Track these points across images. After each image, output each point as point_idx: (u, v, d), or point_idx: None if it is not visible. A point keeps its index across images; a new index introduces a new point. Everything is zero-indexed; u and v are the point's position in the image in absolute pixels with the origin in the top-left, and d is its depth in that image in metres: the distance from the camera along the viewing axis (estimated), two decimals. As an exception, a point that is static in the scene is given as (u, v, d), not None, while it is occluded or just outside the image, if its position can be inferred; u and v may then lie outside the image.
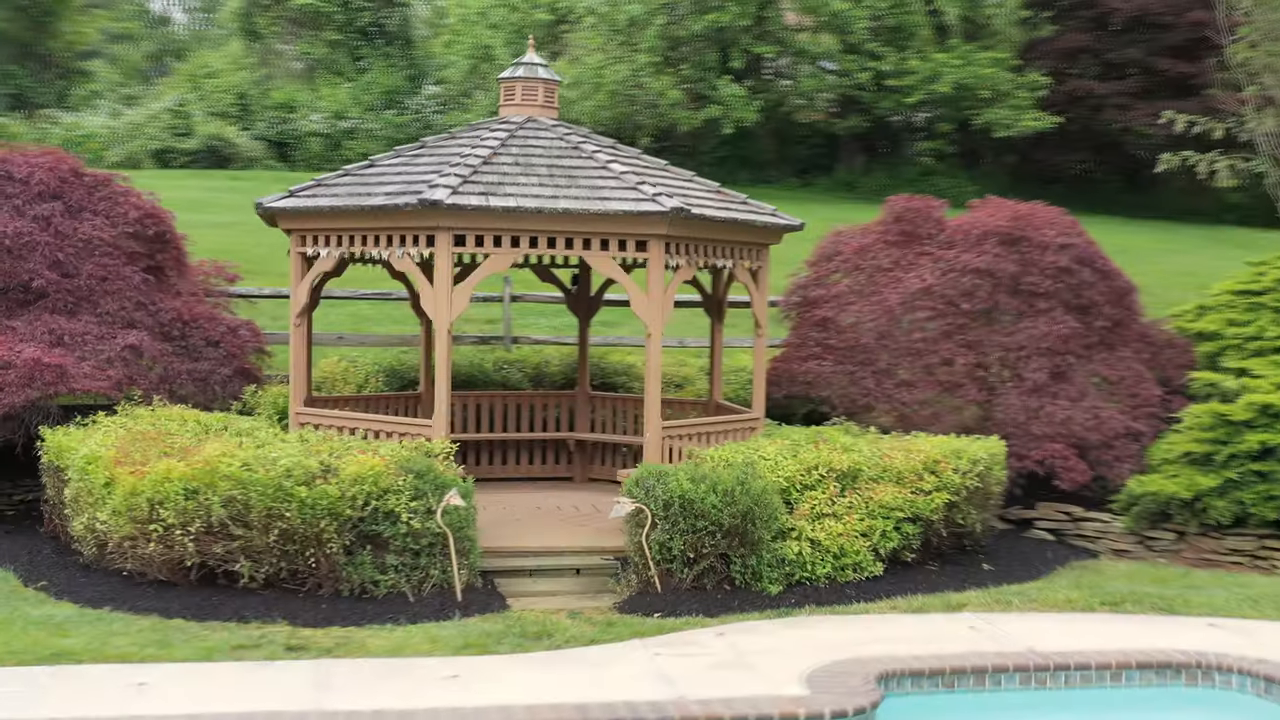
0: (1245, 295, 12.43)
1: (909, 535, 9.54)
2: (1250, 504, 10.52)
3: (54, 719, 6.01)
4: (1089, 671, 7.19)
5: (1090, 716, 6.96)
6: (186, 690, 6.53)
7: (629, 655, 7.33)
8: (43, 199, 11.62)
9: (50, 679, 6.68)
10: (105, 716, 6.07)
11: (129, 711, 6.13)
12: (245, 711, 6.11)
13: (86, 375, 10.59)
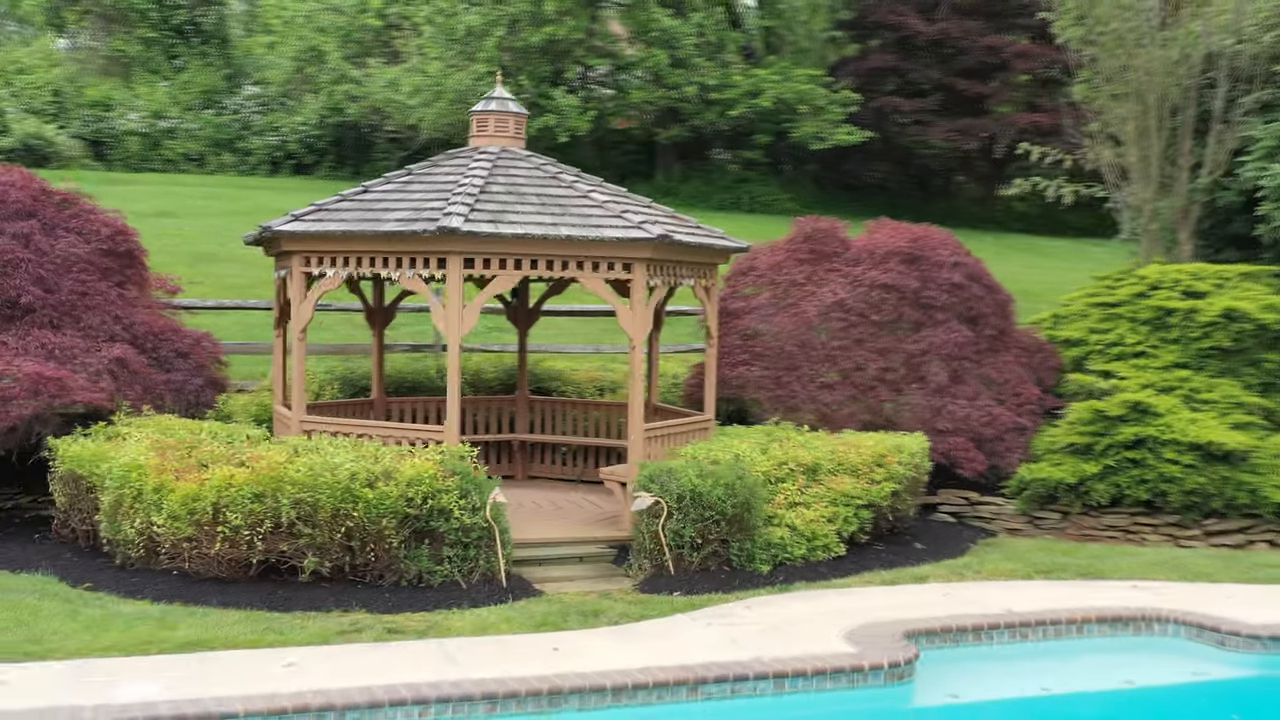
0: (1103, 306, 14.45)
1: (864, 520, 11.05)
2: (1125, 487, 12.43)
3: (248, 694, 6.87)
4: (1060, 626, 8.82)
5: (1066, 662, 8.57)
6: (331, 668, 7.45)
7: (686, 626, 8.57)
8: (19, 217, 12.05)
9: (201, 664, 7.49)
10: (290, 690, 6.95)
11: (304, 685, 7.04)
12: (422, 681, 7.10)
13: (83, 387, 11.15)
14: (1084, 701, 8.14)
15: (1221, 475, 12.22)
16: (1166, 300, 13.83)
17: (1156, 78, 15.65)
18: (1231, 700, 8.23)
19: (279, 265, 12.11)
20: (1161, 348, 13.66)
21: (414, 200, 11.05)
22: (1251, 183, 15.42)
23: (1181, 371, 13.33)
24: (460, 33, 30.68)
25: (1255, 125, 15.62)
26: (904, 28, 33.69)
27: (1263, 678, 8.43)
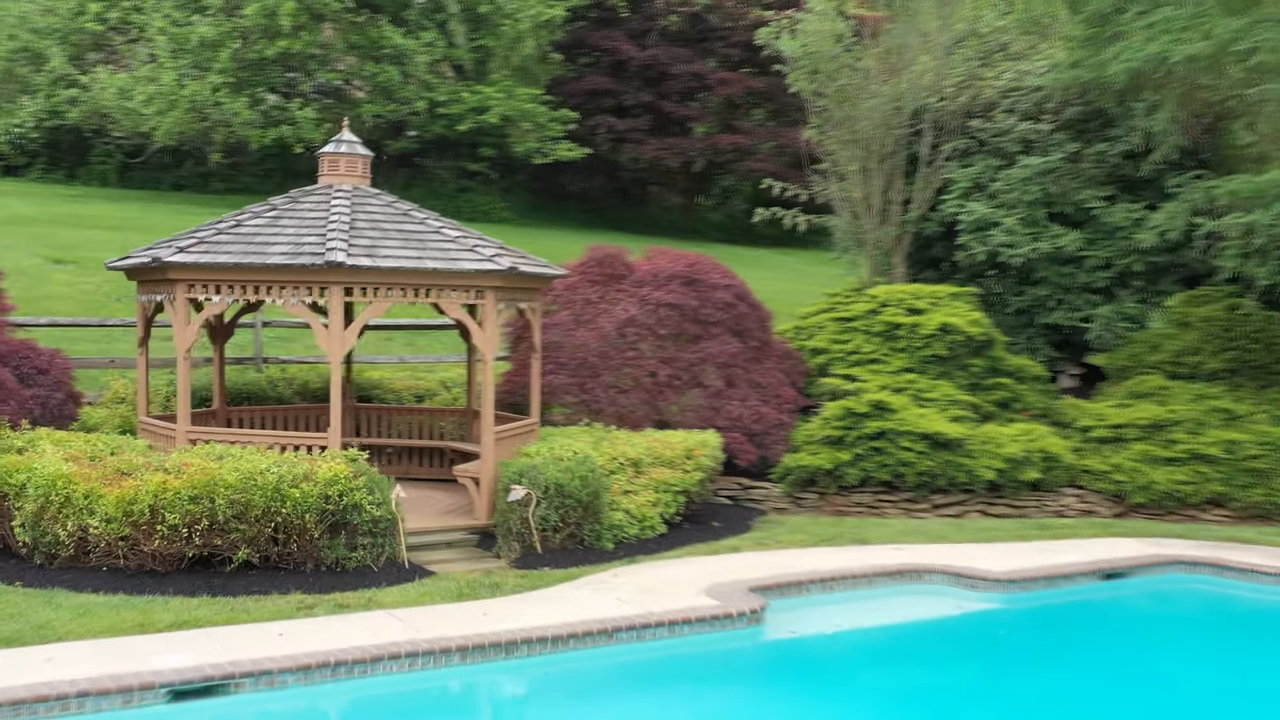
0: (840, 321, 17.32)
1: (679, 504, 13.37)
2: (871, 470, 15.24)
3: (269, 656, 8.47)
4: (858, 579, 11.39)
5: (867, 604, 11.12)
6: (316, 637, 9.09)
7: (575, 592, 10.62)
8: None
9: (206, 638, 8.98)
10: (297, 652, 8.59)
11: (309, 648, 8.69)
12: (411, 640, 8.88)
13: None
14: (884, 629, 10.74)
15: (945, 459, 15.19)
16: (894, 316, 16.81)
17: (875, 127, 18.68)
18: (983, 624, 10.98)
19: (146, 290, 13.28)
20: (892, 355, 16.61)
21: (289, 234, 12.54)
22: (951, 216, 18.72)
23: (909, 375, 16.30)
24: (193, 43, 31.12)
25: (954, 169, 18.94)
26: (618, 53, 36.40)
27: (1004, 609, 11.24)
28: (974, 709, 9.10)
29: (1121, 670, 9.86)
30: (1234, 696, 9.38)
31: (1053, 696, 9.22)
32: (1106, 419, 16.14)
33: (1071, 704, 9.03)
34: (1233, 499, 15.24)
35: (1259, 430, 15.55)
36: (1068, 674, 9.73)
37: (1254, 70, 14.93)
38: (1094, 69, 16.59)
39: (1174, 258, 17.96)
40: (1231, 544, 13.48)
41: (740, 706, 9.07)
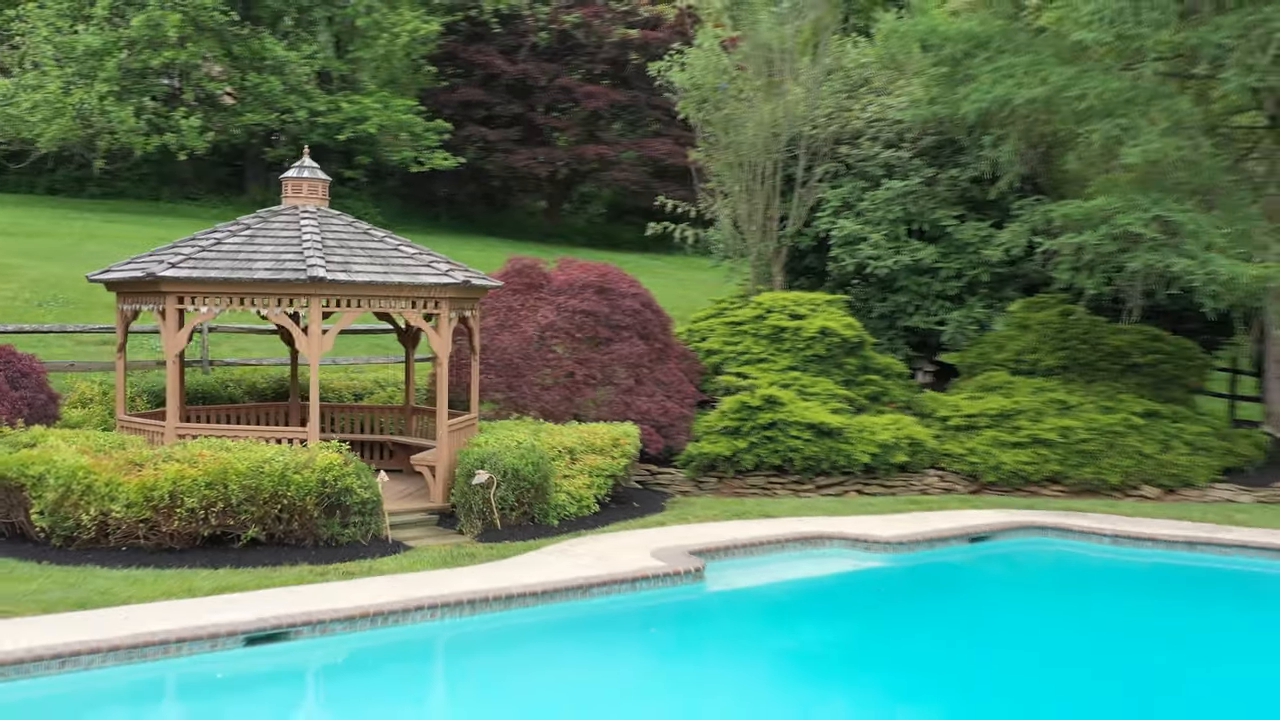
0: (730, 325, 19.55)
1: (609, 487, 15.38)
2: (764, 456, 17.46)
3: (316, 609, 10.22)
4: (773, 544, 13.58)
5: (782, 564, 13.31)
6: (344, 596, 10.85)
7: (544, 558, 12.56)
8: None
9: (253, 599, 10.66)
10: (340, 606, 10.35)
11: (341, 604, 10.45)
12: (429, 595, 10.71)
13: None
14: (800, 582, 13.02)
15: (828, 445, 17.50)
16: (779, 321, 19.10)
17: (756, 151, 20.95)
18: (876, 578, 13.26)
19: (129, 301, 14.72)
20: (778, 355, 18.90)
21: (268, 251, 14.14)
22: (824, 232, 21.12)
23: (794, 373, 18.60)
24: (79, 52, 31.85)
25: (825, 190, 21.35)
26: (491, 66, 38.14)
27: (892, 567, 13.57)
28: (874, 638, 11.42)
29: (987, 605, 12.33)
30: (1075, 624, 11.88)
31: (934, 626, 11.59)
32: (961, 409, 18.68)
33: (948, 630, 11.43)
34: (1067, 476, 17.90)
35: (1088, 418, 18.25)
36: (945, 610, 12.14)
37: (1082, 112, 17.60)
38: (949, 106, 19.14)
39: (1015, 269, 20.67)
40: (1070, 513, 16.10)
41: (694, 641, 11.21)
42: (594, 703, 9.45)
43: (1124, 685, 10.17)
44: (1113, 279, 18.19)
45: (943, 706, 9.63)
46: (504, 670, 10.05)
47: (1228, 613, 12.74)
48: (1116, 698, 9.79)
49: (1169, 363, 19.54)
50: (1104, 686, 10.00)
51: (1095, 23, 16.79)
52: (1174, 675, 10.60)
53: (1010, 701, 9.70)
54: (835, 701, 9.77)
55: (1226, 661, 10.97)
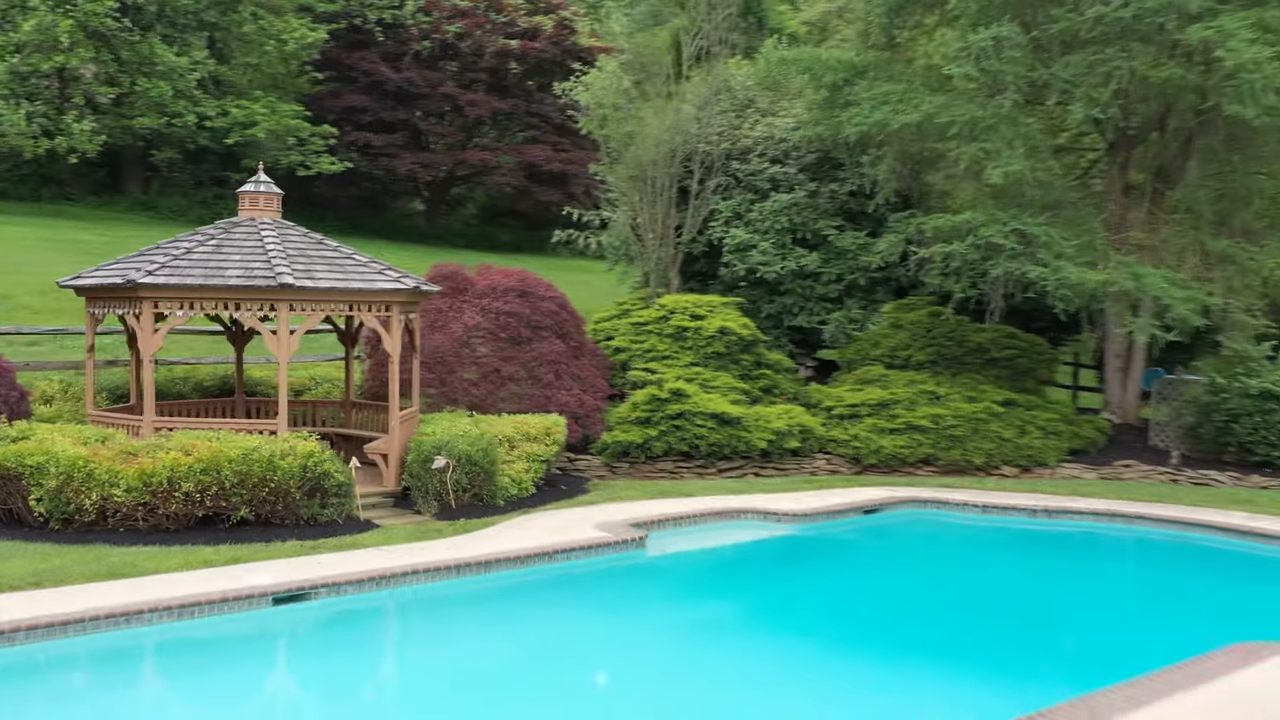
0: (636, 325, 21.44)
1: (542, 471, 17.14)
2: (673, 443, 19.37)
3: (327, 575, 11.80)
4: (697, 518, 15.51)
5: (708, 534, 15.26)
6: (338, 564, 12.44)
7: (504, 531, 14.27)
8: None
9: (265, 568, 12.17)
10: (348, 571, 11.94)
11: (346, 569, 12.05)
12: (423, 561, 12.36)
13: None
14: (726, 547, 15.06)
15: (730, 433, 19.51)
16: (681, 321, 21.06)
17: (654, 166, 22.89)
18: (788, 543, 15.30)
19: (99, 305, 15.96)
20: (682, 353, 20.86)
21: (235, 260, 15.54)
22: (716, 239, 23.16)
23: (696, 368, 20.58)
24: (-34, 56, 32.24)
25: (717, 201, 23.40)
26: (375, 74, 39.35)
27: (800, 534, 15.63)
28: (791, 587, 13.54)
29: (881, 561, 14.64)
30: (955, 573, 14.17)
31: (838, 577, 13.92)
32: (844, 400, 20.89)
33: (849, 580, 13.83)
34: (938, 458, 20.23)
35: (955, 407, 20.63)
36: (846, 565, 14.40)
37: (951, 136, 19.95)
38: (832, 128, 21.35)
39: (887, 274, 23.02)
40: (945, 489, 18.40)
41: (645, 593, 13.13)
42: (575, 640, 11.37)
43: (996, 614, 12.70)
44: (977, 283, 20.57)
45: (852, 631, 11.93)
46: (497, 618, 11.82)
47: (1075, 563, 15.32)
48: (991, 621, 12.38)
49: (1023, 357, 22.08)
50: (979, 614, 12.59)
51: (963, 59, 19.11)
52: (1031, 606, 13.23)
53: (903, 625, 12.22)
54: (765, 634, 11.90)
55: (1073, 596, 13.63)
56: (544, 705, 9.55)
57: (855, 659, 10.97)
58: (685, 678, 10.25)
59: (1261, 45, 17.81)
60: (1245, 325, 20.32)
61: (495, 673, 10.38)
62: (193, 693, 9.74)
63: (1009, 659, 11.20)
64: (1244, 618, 12.08)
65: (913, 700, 9.68)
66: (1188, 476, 20.01)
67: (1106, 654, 11.21)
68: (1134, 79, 18.92)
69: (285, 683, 10.43)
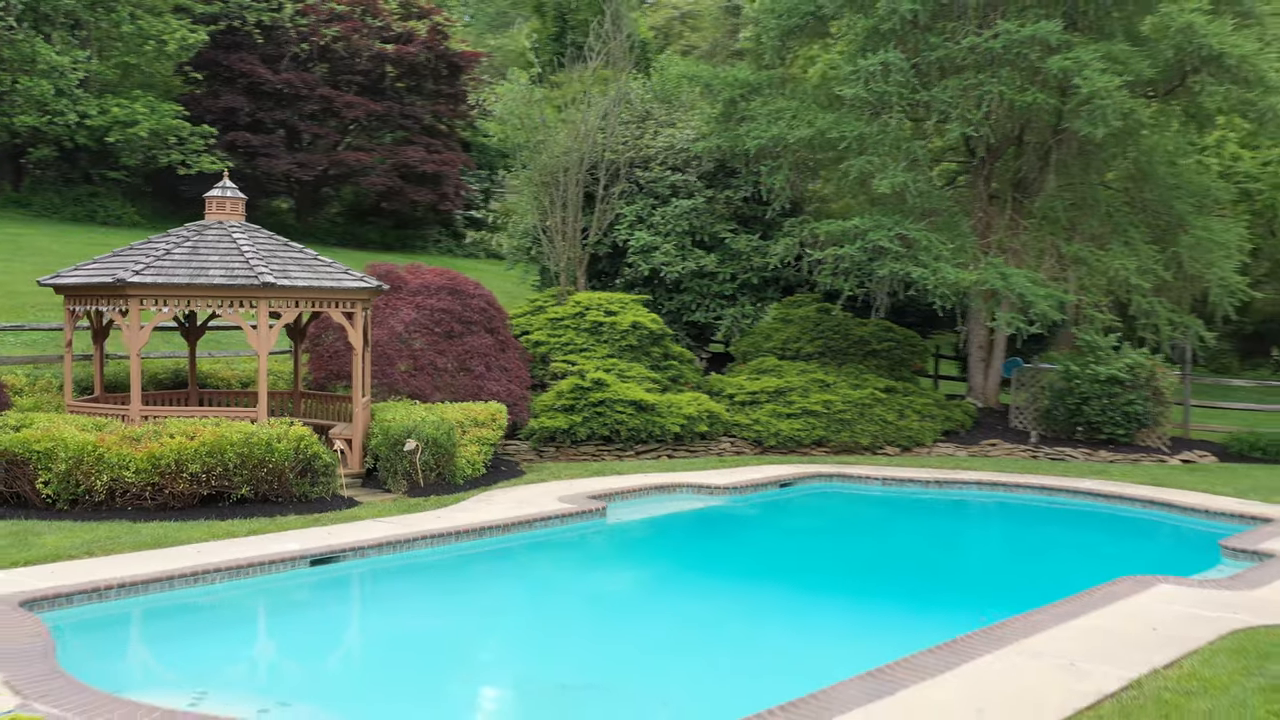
0: (553, 320, 23.22)
1: (490, 453, 18.82)
2: (595, 429, 21.23)
3: (349, 541, 13.35)
4: (640, 491, 17.42)
5: (655, 503, 17.20)
6: (347, 533, 13.99)
7: (477, 504, 15.95)
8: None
9: (286, 537, 13.63)
10: (364, 538, 13.50)
11: (362, 537, 13.61)
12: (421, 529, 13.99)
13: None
14: (670, 515, 16.97)
15: (646, 419, 21.46)
16: (596, 317, 22.92)
17: (563, 173, 24.69)
18: (722, 510, 17.33)
19: (80, 303, 17.08)
20: (598, 346, 22.72)
21: (214, 260, 16.84)
22: (621, 241, 25.08)
23: (613, 359, 22.47)
24: None
25: (622, 206, 25.32)
26: (255, 75, 40.12)
27: (730, 504, 17.70)
28: (725, 546, 15.70)
29: (801, 522, 16.90)
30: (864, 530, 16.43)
31: (765, 535, 16.10)
32: (745, 388, 23.04)
33: (776, 536, 16.07)
34: (830, 440, 22.53)
35: (843, 393, 22.96)
36: (772, 526, 16.62)
37: (841, 150, 22.26)
38: (731, 140, 23.47)
39: (776, 274, 25.27)
40: (843, 465, 20.67)
41: (616, 550, 15.10)
42: (570, 585, 13.42)
43: (912, 561, 15.19)
44: (865, 283, 22.94)
45: (783, 575, 14.30)
46: (505, 570, 13.81)
47: (972, 523, 17.97)
48: (909, 566, 14.92)
49: (899, 349, 24.58)
50: (897, 561, 15.16)
51: (854, 81, 21.43)
52: (943, 555, 15.83)
53: (822, 568, 14.78)
54: (716, 578, 14.12)
55: (977, 548, 16.31)
56: (563, 628, 11.82)
57: (790, 594, 13.36)
58: (660, 612, 12.57)
59: (1111, 75, 20.52)
60: (1094, 319, 23.14)
61: (522, 607, 12.52)
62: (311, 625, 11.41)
63: (933, 594, 13.47)
64: (1120, 561, 14.52)
65: (845, 619, 12.11)
66: (1045, 453, 22.74)
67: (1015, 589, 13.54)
68: (1002, 102, 21.47)
69: (372, 617, 12.26)
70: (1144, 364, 22.62)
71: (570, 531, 15.27)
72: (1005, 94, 21.23)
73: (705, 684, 10.01)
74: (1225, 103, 22.08)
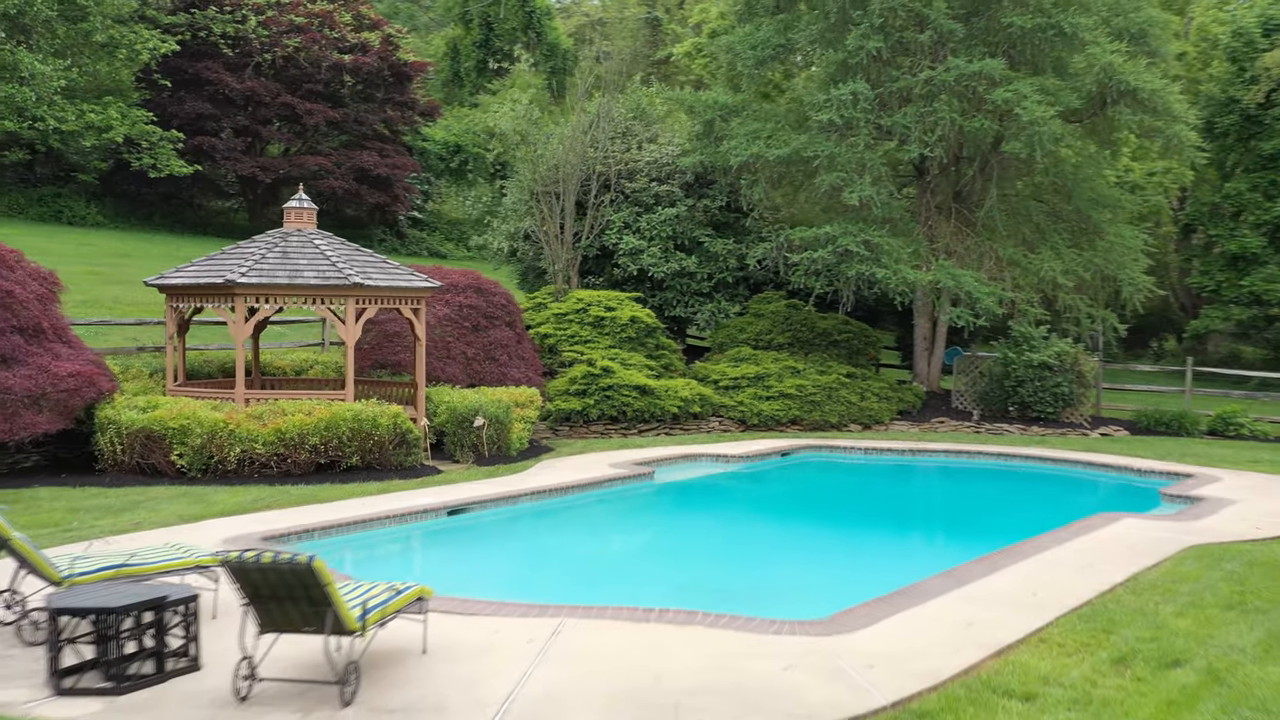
0: (558, 316, 26.14)
1: (531, 430, 21.72)
2: (605, 410, 24.22)
3: (469, 496, 16.21)
4: (669, 460, 20.48)
5: (688, 469, 20.29)
6: (458, 492, 16.81)
7: (543, 471, 18.86)
8: (16, 267, 18.37)
9: (410, 495, 16.44)
10: (482, 494, 16.37)
11: (478, 493, 16.47)
12: (520, 488, 16.90)
13: (108, 383, 18.25)
14: (700, 477, 20.07)
15: (649, 401, 24.52)
16: (598, 312, 25.91)
17: (566, 184, 27.61)
18: (742, 472, 20.51)
19: (184, 301, 19.57)
20: (601, 337, 25.71)
21: (304, 264, 19.46)
22: (610, 244, 28.10)
23: (615, 349, 25.48)
24: None
25: (610, 212, 28.33)
26: (221, 83, 42.18)
27: (746, 468, 20.89)
28: (742, 500, 19.03)
29: (804, 480, 20.28)
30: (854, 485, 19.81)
31: (790, 489, 19.34)
32: (727, 374, 26.24)
33: (780, 493, 19.25)
34: (803, 419, 25.84)
35: (812, 378, 26.28)
36: (783, 481, 19.99)
37: (814, 166, 25.57)
38: (714, 156, 26.65)
39: (748, 274, 28.51)
40: (823, 439, 23.97)
41: (675, 501, 18.34)
42: (635, 526, 16.62)
43: (904, 506, 18.71)
44: (834, 282, 26.30)
45: (794, 514, 17.85)
46: (595, 515, 16.87)
47: (949, 481, 21.34)
48: (903, 511, 18.56)
49: (856, 340, 28.01)
50: (895, 506, 18.80)
51: (826, 107, 24.75)
52: (927, 502, 19.43)
53: (826, 510, 18.38)
54: (745, 518, 17.70)
55: (949, 498, 19.67)
56: (651, 546, 15.74)
57: (811, 529, 16.90)
58: (736, 538, 16.13)
59: (1045, 105, 24.14)
60: (1027, 313, 26.82)
61: (622, 536, 16.03)
62: (489, 548, 14.21)
63: (946, 528, 16.86)
64: (1084, 506, 17.99)
65: (888, 545, 15.45)
66: (987, 428, 26.34)
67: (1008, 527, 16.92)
68: (953, 126, 24.96)
69: (521, 544, 15.48)
70: (1069, 351, 26.35)
71: (632, 489, 18.30)
72: (956, 120, 24.70)
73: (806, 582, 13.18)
74: (1139, 129, 25.90)
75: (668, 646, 9.32)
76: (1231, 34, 38.38)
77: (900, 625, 10.16)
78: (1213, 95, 38.28)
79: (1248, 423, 26.35)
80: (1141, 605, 11.12)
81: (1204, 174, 39.73)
